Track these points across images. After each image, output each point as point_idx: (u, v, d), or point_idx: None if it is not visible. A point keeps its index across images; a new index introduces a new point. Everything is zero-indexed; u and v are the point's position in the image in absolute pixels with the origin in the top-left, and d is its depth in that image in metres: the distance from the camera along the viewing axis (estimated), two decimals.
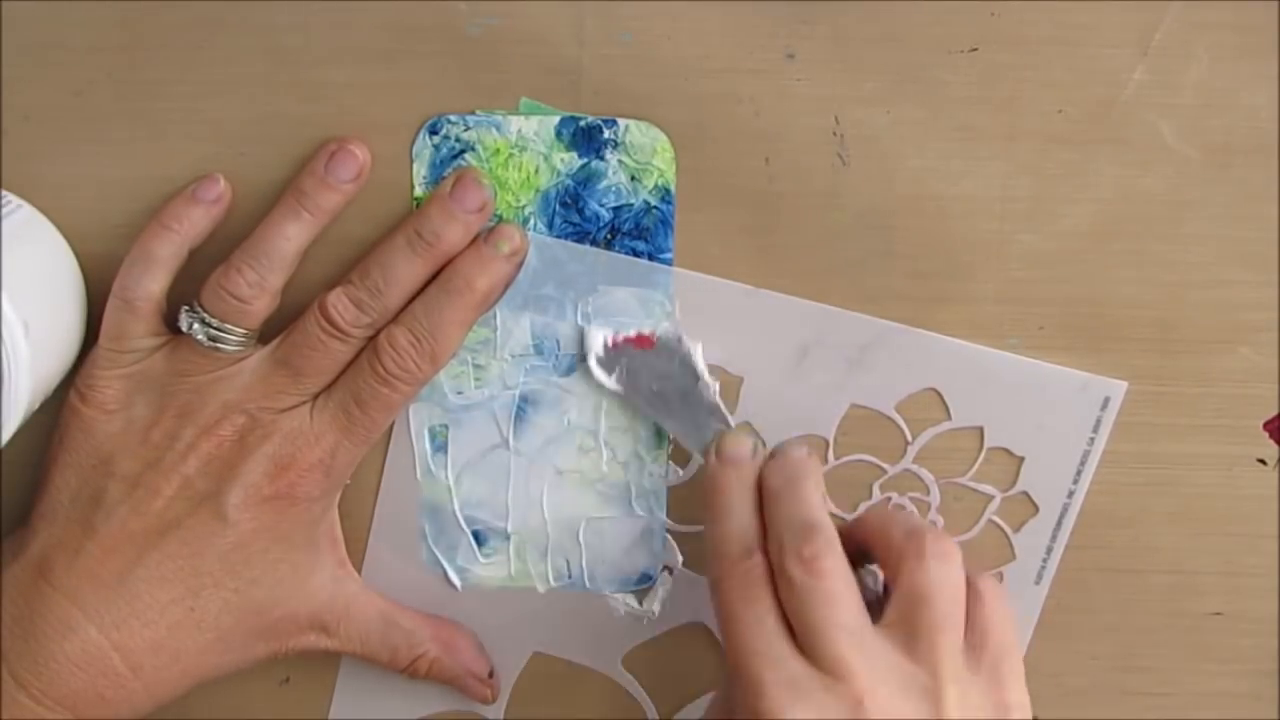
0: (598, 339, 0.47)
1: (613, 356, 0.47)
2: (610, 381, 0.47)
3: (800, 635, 0.41)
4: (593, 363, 0.47)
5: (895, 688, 0.40)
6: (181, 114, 0.45)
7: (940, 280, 0.47)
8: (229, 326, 0.44)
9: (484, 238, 0.45)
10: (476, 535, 0.49)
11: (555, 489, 0.48)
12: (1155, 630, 0.50)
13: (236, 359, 0.45)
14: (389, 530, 0.49)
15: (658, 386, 0.47)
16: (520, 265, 0.46)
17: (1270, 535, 0.49)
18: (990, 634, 0.42)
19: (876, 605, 0.42)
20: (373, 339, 0.45)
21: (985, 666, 0.41)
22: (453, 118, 0.45)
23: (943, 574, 0.41)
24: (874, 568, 0.44)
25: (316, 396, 0.45)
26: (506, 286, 0.46)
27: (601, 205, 0.46)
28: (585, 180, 0.46)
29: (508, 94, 0.45)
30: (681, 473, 0.48)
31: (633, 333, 0.47)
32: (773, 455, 0.45)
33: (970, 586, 0.42)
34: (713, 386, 0.47)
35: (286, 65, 0.45)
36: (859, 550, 0.43)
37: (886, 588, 0.43)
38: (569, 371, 0.47)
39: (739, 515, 0.43)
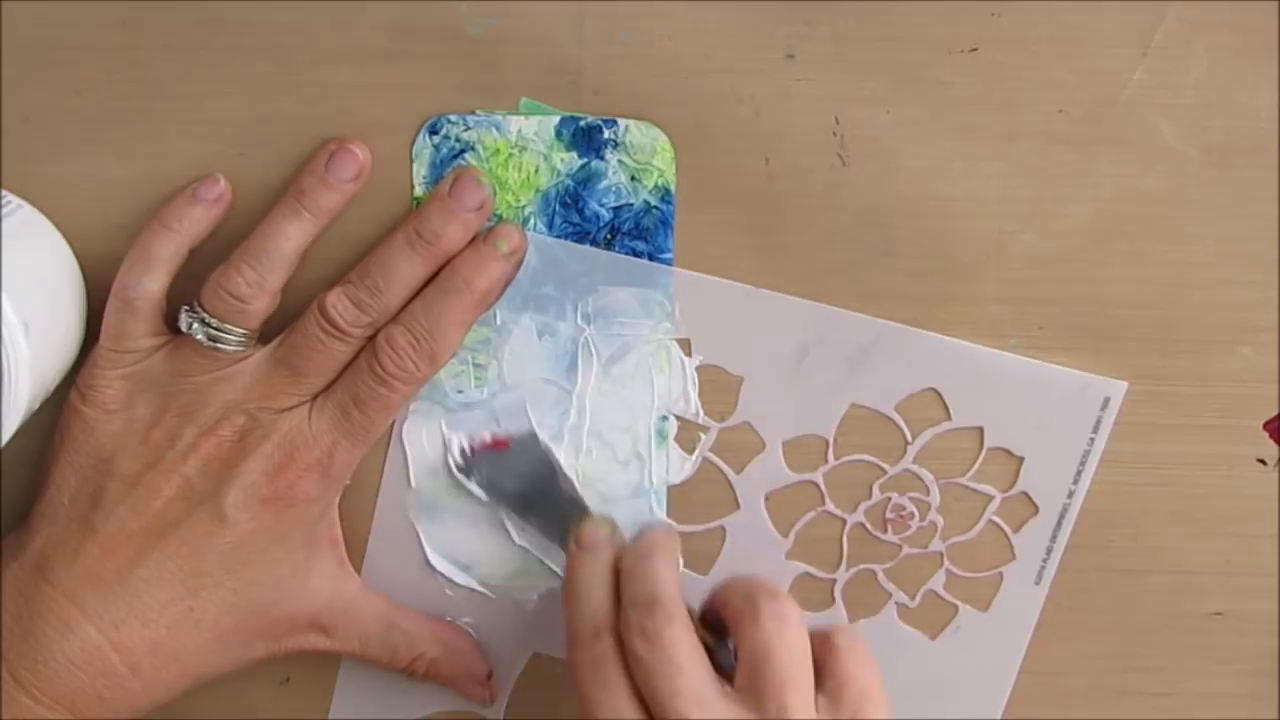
0: (454, 445, 0.47)
1: (470, 462, 0.48)
2: (472, 485, 0.48)
3: (652, 708, 0.41)
4: (453, 468, 0.47)
5: None
6: (181, 114, 0.45)
7: (940, 280, 0.47)
8: (229, 326, 0.44)
9: (483, 237, 0.46)
10: (476, 536, 0.49)
11: None
12: (1155, 630, 0.50)
13: (236, 359, 0.45)
14: (389, 530, 0.49)
15: (517, 487, 0.48)
16: (519, 264, 0.46)
17: (1270, 535, 0.49)
18: (849, 682, 0.42)
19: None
20: (372, 339, 0.45)
21: (846, 713, 0.42)
22: (453, 118, 0.45)
23: (778, 632, 0.42)
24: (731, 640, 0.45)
25: (316, 397, 0.45)
26: (506, 286, 0.46)
27: (601, 205, 0.46)
28: (585, 180, 0.46)
29: (508, 94, 0.45)
30: (688, 466, 0.48)
31: (488, 437, 0.47)
32: (634, 537, 0.45)
33: (824, 640, 0.43)
34: (571, 480, 0.48)
35: (286, 65, 0.45)
36: (719, 621, 0.44)
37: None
38: (569, 371, 0.47)
39: (591, 598, 0.44)
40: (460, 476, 0.48)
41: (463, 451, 0.47)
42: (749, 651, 0.42)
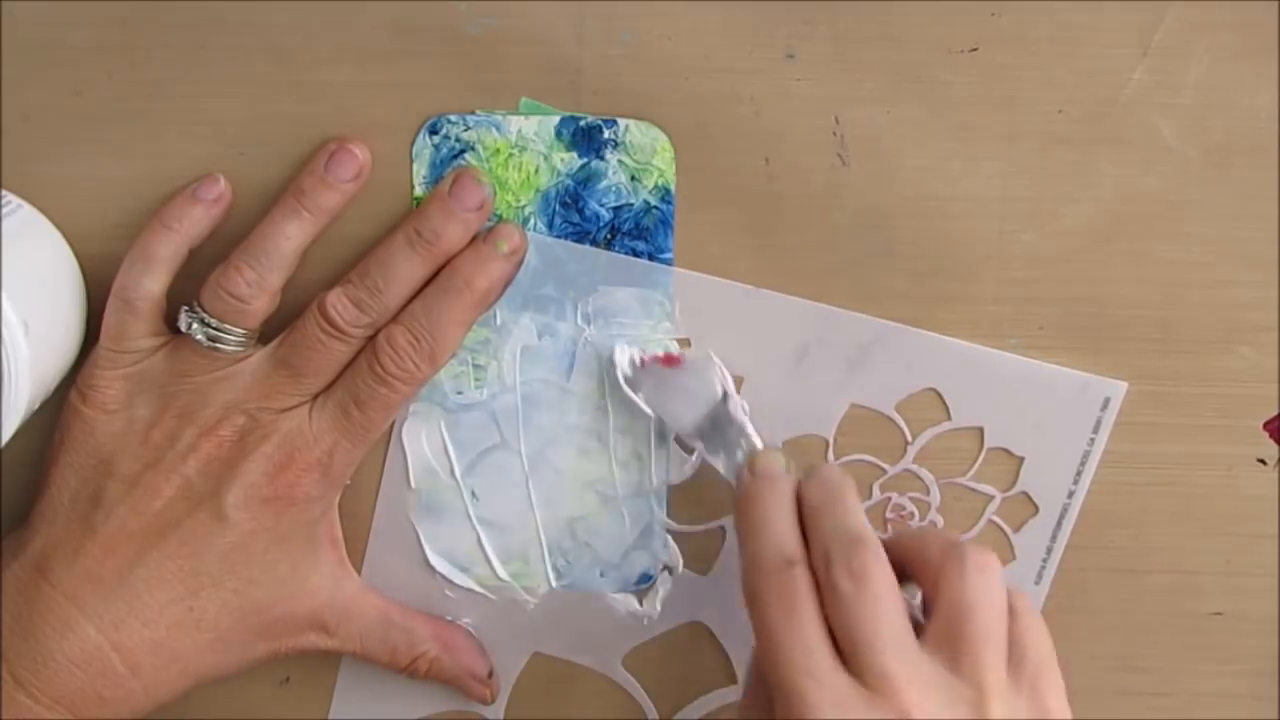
0: (624, 357, 0.47)
1: (640, 375, 0.47)
2: (638, 399, 0.47)
3: (845, 648, 0.40)
4: (620, 381, 0.47)
5: (941, 703, 0.39)
6: (181, 114, 0.45)
7: (940, 280, 0.47)
8: (228, 326, 0.44)
9: (483, 237, 0.46)
10: (476, 535, 0.49)
11: (555, 489, 0.48)
12: (1155, 630, 0.50)
13: (236, 359, 0.45)
14: (389, 530, 0.49)
15: (684, 406, 0.47)
16: (519, 264, 0.46)
17: (1270, 535, 0.49)
18: (1029, 649, 0.41)
19: (914, 626, 0.41)
20: (372, 339, 0.45)
21: (1026, 681, 0.41)
22: (453, 118, 0.45)
23: (984, 586, 0.41)
24: (911, 587, 0.43)
25: (316, 397, 0.45)
26: (506, 286, 0.46)
27: (601, 205, 0.46)
28: (585, 180, 0.46)
29: (508, 94, 0.45)
30: (688, 466, 0.48)
31: (660, 352, 0.47)
32: (808, 474, 0.44)
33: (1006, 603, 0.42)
34: (741, 407, 0.47)
35: (286, 65, 0.45)
36: (895, 570, 0.42)
37: (925, 609, 0.43)
38: (569, 371, 0.47)
39: (777, 527, 0.42)
40: (626, 388, 0.47)
41: (633, 362, 0.47)
42: (950, 604, 0.41)
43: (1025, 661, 0.41)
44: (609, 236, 0.46)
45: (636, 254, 0.47)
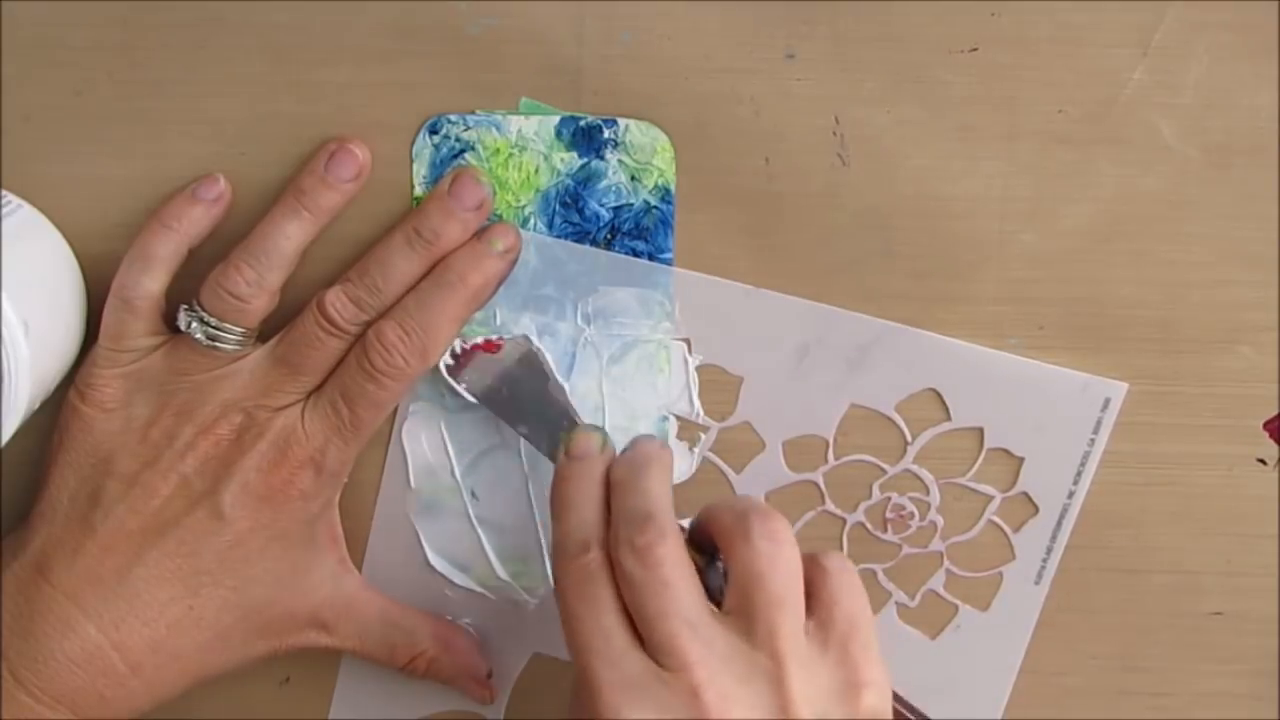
0: (445, 351, 0.46)
1: (460, 362, 0.46)
2: (460, 388, 0.46)
3: (640, 627, 0.40)
4: (442, 370, 0.46)
5: (735, 675, 0.39)
6: (181, 114, 0.45)
7: (940, 280, 0.47)
8: (228, 325, 0.44)
9: (478, 235, 0.45)
10: (476, 536, 0.49)
11: None
12: (1155, 630, 0.50)
13: (235, 358, 0.45)
14: (389, 530, 0.49)
15: (508, 391, 0.47)
16: (514, 263, 0.46)
17: (1270, 535, 0.49)
18: (837, 608, 0.41)
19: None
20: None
21: (834, 644, 0.40)
22: (453, 118, 0.45)
23: (772, 551, 0.40)
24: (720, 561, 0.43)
25: (310, 394, 0.45)
26: (499, 284, 0.46)
27: (601, 205, 0.46)
28: (585, 180, 0.46)
29: (508, 94, 0.45)
30: (688, 465, 0.48)
31: (480, 339, 0.47)
32: (622, 450, 0.44)
33: (814, 562, 0.41)
34: (563, 388, 0.47)
35: (286, 65, 0.45)
36: (710, 543, 0.43)
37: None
38: (569, 371, 0.47)
39: (579, 511, 0.42)
40: (449, 379, 0.46)
41: (453, 352, 0.46)
42: (740, 572, 0.40)
43: (832, 622, 0.41)
44: (609, 236, 0.46)
45: (636, 254, 0.47)
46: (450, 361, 0.46)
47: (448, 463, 0.48)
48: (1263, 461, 0.49)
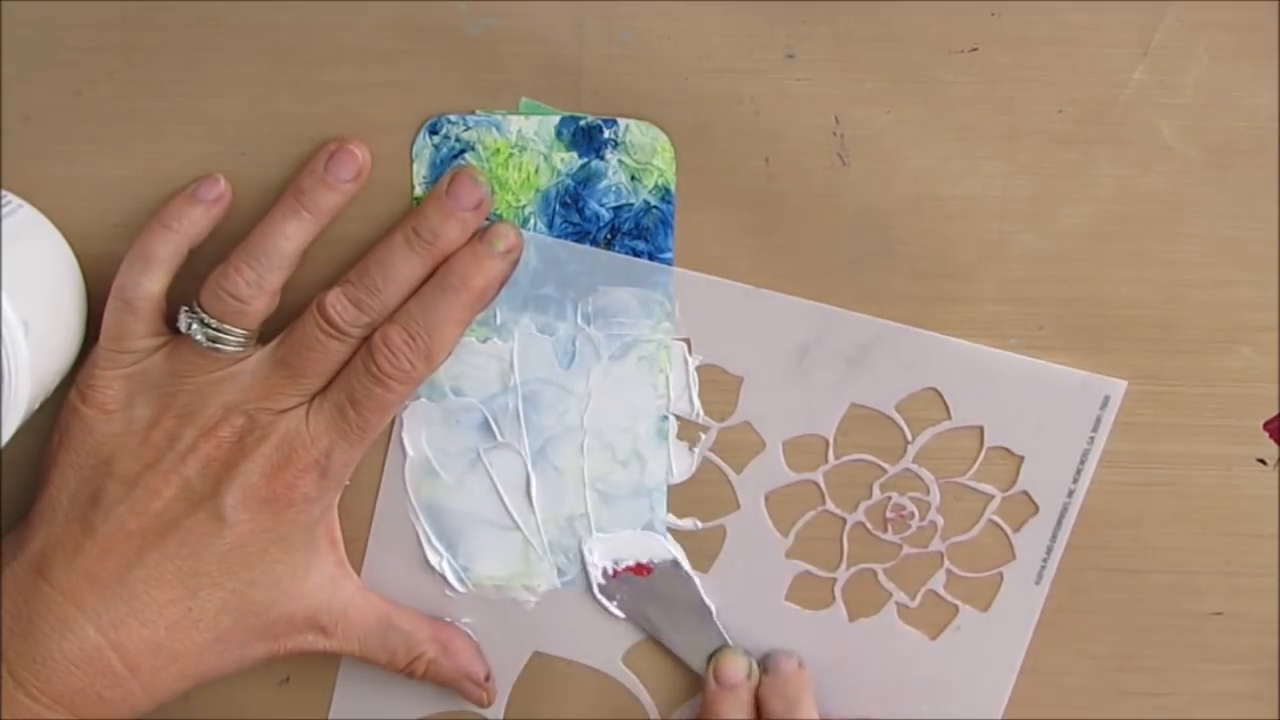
0: (597, 570, 0.48)
1: (614, 585, 0.49)
2: (613, 607, 0.49)
3: None
4: (595, 591, 0.49)
5: None
6: (181, 114, 0.45)
7: (940, 280, 0.47)
8: (228, 327, 0.44)
9: (479, 236, 0.45)
10: (476, 535, 0.49)
11: (555, 488, 0.48)
12: (1155, 630, 0.50)
13: (236, 359, 0.45)
14: (389, 531, 0.49)
15: (657, 612, 0.49)
16: (516, 263, 0.46)
17: (1270, 535, 0.49)
18: None
19: None
20: (369, 338, 0.45)
21: None
22: (453, 118, 0.45)
23: None
24: None
25: (314, 397, 0.45)
26: (502, 285, 0.46)
27: (601, 205, 0.46)
28: (585, 180, 0.46)
29: (508, 94, 0.45)
30: (688, 465, 0.48)
31: (632, 562, 0.48)
32: (765, 671, 0.49)
33: None
34: (709, 609, 0.49)
35: (286, 65, 0.45)
36: None
37: None
38: (569, 370, 0.47)
39: None
40: (601, 598, 0.49)
41: (606, 574, 0.48)
42: None
43: None
44: (609, 236, 0.46)
45: (636, 254, 0.47)
46: (602, 581, 0.48)
47: (448, 463, 0.48)
48: (1263, 461, 0.49)
